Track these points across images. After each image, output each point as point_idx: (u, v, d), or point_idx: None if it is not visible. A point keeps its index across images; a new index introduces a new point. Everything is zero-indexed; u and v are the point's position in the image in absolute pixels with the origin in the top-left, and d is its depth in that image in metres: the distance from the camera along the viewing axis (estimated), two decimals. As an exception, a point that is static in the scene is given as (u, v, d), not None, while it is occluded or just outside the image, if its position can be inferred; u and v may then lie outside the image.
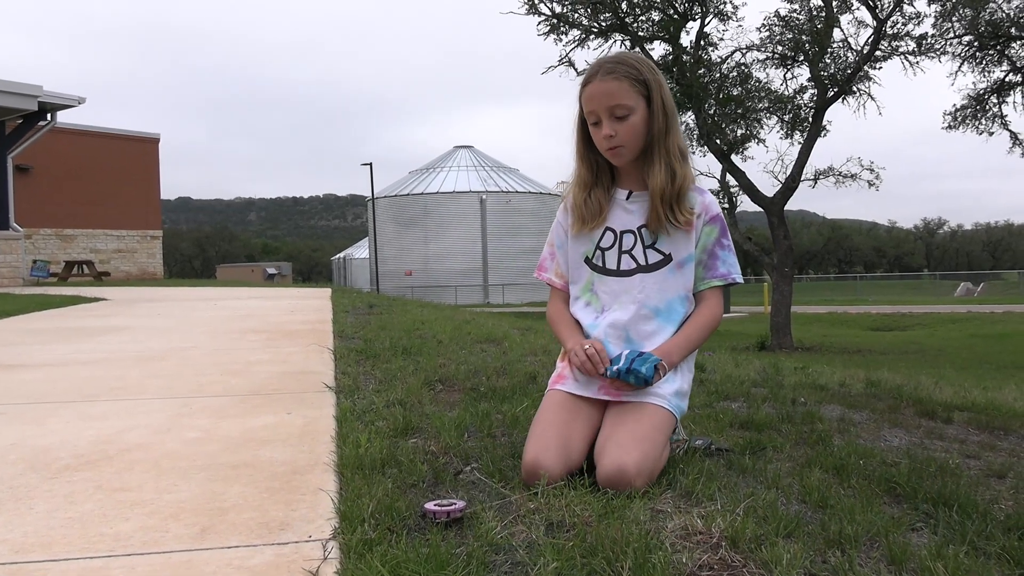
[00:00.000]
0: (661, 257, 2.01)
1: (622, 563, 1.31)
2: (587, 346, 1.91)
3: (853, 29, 16.81)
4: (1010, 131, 16.25)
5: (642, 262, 2.01)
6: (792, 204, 16.53)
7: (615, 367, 1.87)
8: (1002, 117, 16.22)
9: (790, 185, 15.91)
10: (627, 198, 2.04)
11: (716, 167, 16.59)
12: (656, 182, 1.96)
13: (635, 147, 1.97)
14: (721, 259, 2.04)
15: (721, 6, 15.76)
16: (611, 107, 1.92)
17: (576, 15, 15.82)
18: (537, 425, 1.88)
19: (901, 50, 15.56)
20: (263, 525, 1.51)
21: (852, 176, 16.17)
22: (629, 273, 2.02)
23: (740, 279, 2.06)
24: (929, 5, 15.15)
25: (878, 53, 15.53)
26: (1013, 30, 14.88)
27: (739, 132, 16.33)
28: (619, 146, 1.95)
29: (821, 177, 16.23)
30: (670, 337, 1.98)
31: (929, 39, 15.36)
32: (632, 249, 2.02)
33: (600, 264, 2.05)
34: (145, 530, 1.49)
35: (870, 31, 15.56)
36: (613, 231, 2.04)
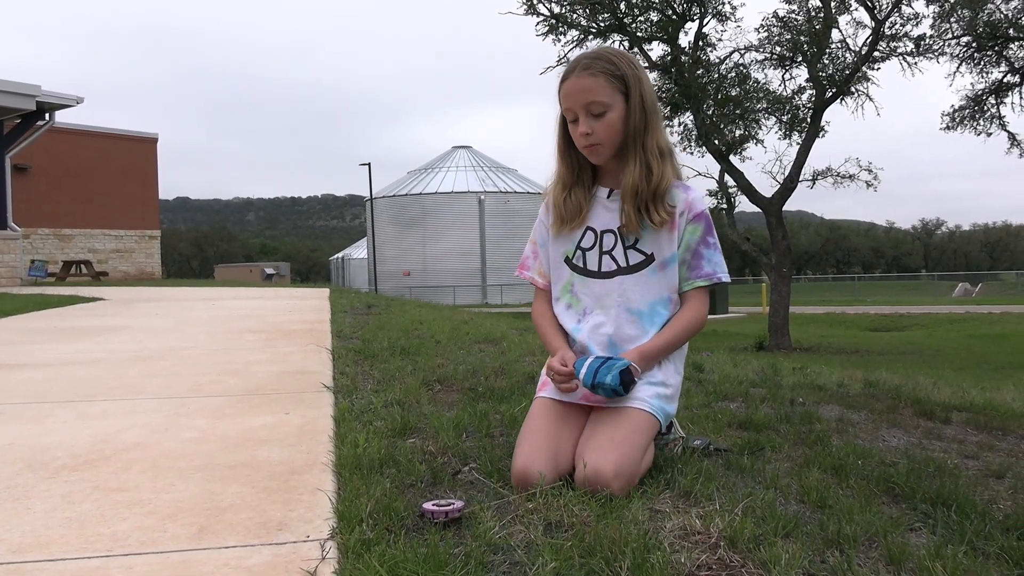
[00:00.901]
0: (643, 258, 1.96)
1: (620, 563, 1.31)
2: (558, 366, 1.88)
3: (851, 30, 16.89)
4: (1008, 132, 16.28)
5: (622, 263, 1.97)
6: (790, 204, 16.54)
7: (580, 374, 1.82)
8: (1000, 118, 16.24)
9: (788, 186, 15.92)
10: (608, 196, 1.99)
11: (715, 167, 16.62)
12: (629, 181, 1.91)
13: (613, 145, 1.92)
14: (706, 258, 1.97)
15: (720, 7, 15.78)
16: (587, 104, 1.88)
17: (574, 15, 15.83)
18: (526, 431, 1.85)
19: (899, 51, 15.59)
20: (261, 525, 1.50)
21: (850, 177, 16.19)
22: (610, 275, 1.97)
23: (727, 278, 1.99)
24: (927, 6, 15.18)
25: (876, 54, 15.55)
26: (1011, 31, 14.89)
27: (737, 132, 16.34)
28: (596, 144, 1.91)
29: (819, 178, 16.24)
30: (651, 337, 1.93)
31: (927, 40, 15.38)
32: (612, 250, 1.97)
33: (581, 265, 2.01)
34: (143, 530, 1.48)
35: (868, 32, 15.59)
36: (594, 231, 1.99)
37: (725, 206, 16.60)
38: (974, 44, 15.35)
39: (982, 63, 15.69)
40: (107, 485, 1.77)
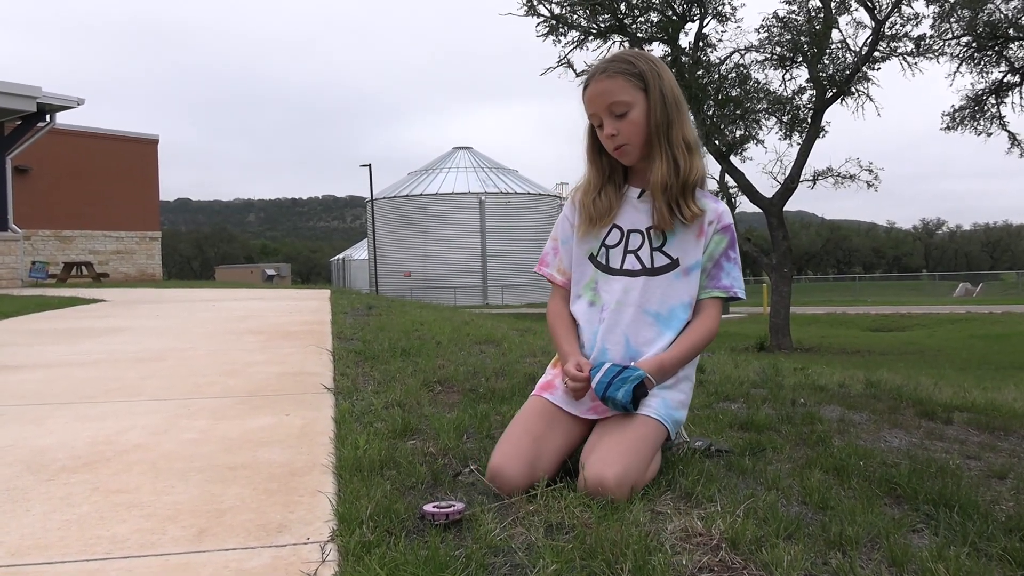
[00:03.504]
0: (668, 261, 1.94)
1: (622, 565, 1.30)
2: (575, 372, 1.85)
3: (851, 30, 16.92)
4: (1008, 132, 16.29)
5: (648, 265, 1.95)
6: (791, 205, 16.55)
7: (593, 382, 1.80)
8: (1000, 118, 16.25)
9: (789, 186, 15.93)
10: (639, 196, 1.98)
11: (715, 168, 16.63)
12: (657, 176, 1.90)
13: (640, 143, 1.92)
14: (726, 271, 1.96)
15: (720, 7, 15.79)
16: (609, 106, 1.89)
17: (575, 17, 15.83)
18: (512, 428, 1.84)
19: (899, 51, 15.61)
20: (261, 527, 1.50)
21: (851, 177, 16.21)
22: (633, 274, 1.96)
23: (743, 295, 1.98)
24: (927, 6, 15.20)
25: (876, 54, 15.56)
26: (1011, 31, 14.89)
27: (738, 133, 16.35)
28: (624, 144, 1.91)
29: (820, 178, 16.26)
30: (668, 345, 1.91)
31: (927, 40, 15.39)
32: (639, 250, 1.96)
33: (604, 262, 1.99)
34: (142, 532, 1.48)
35: (868, 32, 15.61)
36: (620, 229, 1.98)
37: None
38: (974, 44, 15.35)
39: (982, 63, 15.70)
40: (107, 487, 1.76)
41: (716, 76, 16.18)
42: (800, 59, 15.95)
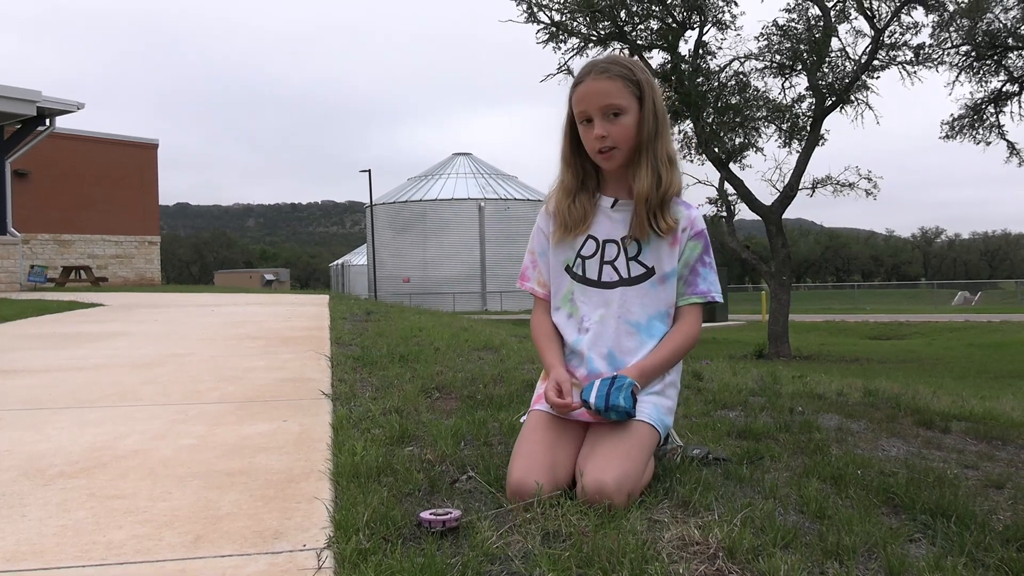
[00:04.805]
0: (644, 270, 1.96)
1: (618, 574, 1.30)
2: (554, 399, 1.84)
3: (851, 39, 16.86)
4: (1007, 141, 16.29)
5: (624, 275, 1.96)
6: (790, 213, 16.57)
7: (591, 399, 1.78)
8: (999, 127, 16.26)
9: (788, 194, 15.93)
10: (612, 206, 1.98)
11: (714, 175, 16.64)
12: (641, 186, 1.91)
13: (627, 149, 1.92)
14: (702, 276, 1.98)
15: (720, 15, 15.81)
16: (604, 106, 1.88)
17: (575, 24, 15.87)
18: (523, 444, 1.82)
19: (899, 60, 15.63)
20: (257, 534, 1.50)
21: (850, 185, 16.19)
22: (610, 285, 1.97)
23: (720, 298, 2.00)
24: (927, 15, 15.23)
25: (876, 62, 15.59)
26: (1010, 40, 14.94)
27: (737, 141, 16.36)
28: (612, 147, 1.90)
29: (819, 186, 16.25)
30: (648, 353, 1.93)
31: (927, 49, 15.42)
32: (615, 260, 1.97)
33: (580, 273, 2.00)
34: (138, 538, 1.48)
35: (868, 41, 15.63)
36: (595, 239, 1.99)
37: (725, 214, 16.59)
38: (973, 53, 15.38)
39: (981, 72, 15.72)
40: (103, 493, 1.76)
41: (716, 84, 16.19)
42: (800, 67, 15.96)
